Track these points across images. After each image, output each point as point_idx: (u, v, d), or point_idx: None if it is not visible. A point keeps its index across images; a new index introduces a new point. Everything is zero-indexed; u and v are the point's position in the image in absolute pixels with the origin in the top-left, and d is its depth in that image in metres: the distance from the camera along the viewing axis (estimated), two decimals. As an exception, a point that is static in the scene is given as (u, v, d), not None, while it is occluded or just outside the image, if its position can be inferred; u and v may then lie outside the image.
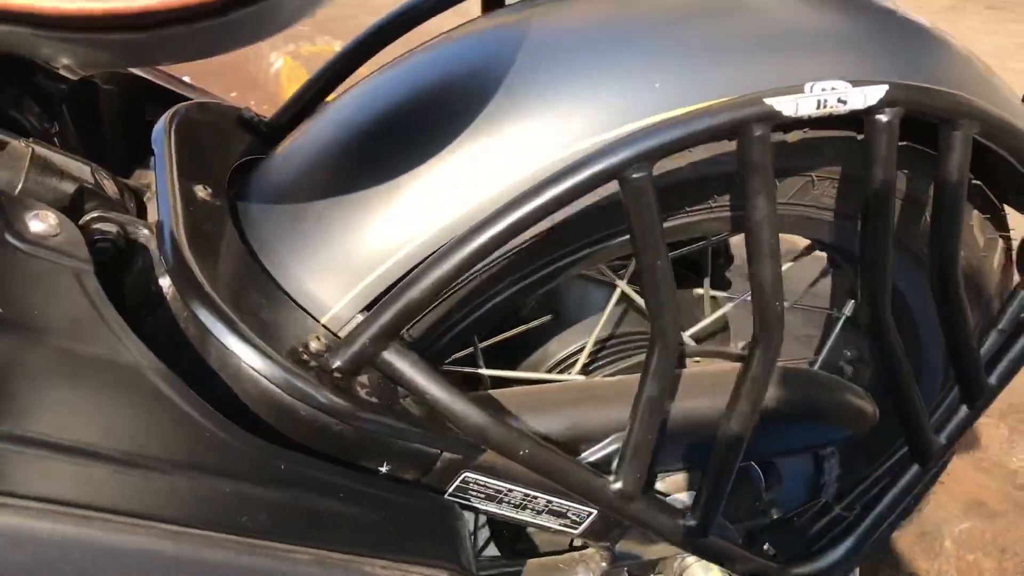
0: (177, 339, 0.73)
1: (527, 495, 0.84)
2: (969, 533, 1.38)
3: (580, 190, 0.70)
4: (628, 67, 0.80)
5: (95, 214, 0.76)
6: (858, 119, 0.78)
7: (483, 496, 0.83)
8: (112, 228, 0.76)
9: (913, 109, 0.76)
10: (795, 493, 1.09)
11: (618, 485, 0.82)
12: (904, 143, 0.89)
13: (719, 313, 1.10)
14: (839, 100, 0.73)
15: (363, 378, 0.75)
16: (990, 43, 3.98)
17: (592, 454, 0.88)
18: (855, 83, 0.73)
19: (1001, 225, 1.04)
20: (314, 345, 0.73)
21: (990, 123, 0.79)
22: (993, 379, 0.91)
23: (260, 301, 0.76)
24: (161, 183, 0.80)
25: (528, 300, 0.88)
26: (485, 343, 1.09)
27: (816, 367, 1.19)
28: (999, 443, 1.56)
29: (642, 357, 1.03)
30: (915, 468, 0.94)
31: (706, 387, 0.90)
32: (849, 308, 1.18)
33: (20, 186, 0.74)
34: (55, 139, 0.86)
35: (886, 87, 0.74)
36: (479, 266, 0.81)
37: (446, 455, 0.79)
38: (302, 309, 0.77)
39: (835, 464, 1.07)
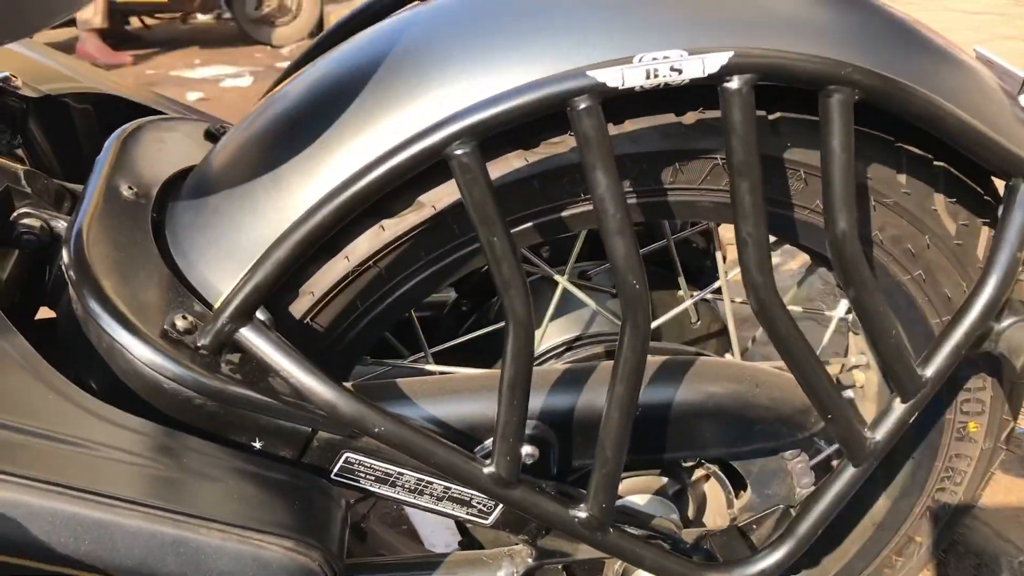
0: (72, 321, 0.81)
1: (420, 480, 0.86)
2: (1031, 566, 1.24)
3: (406, 169, 0.73)
4: (494, 52, 0.81)
5: (23, 210, 0.85)
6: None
7: (372, 479, 0.85)
8: (37, 223, 0.85)
9: (768, 76, 0.73)
10: (768, 499, 1.02)
11: (491, 469, 0.81)
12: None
13: (677, 311, 1.07)
14: (672, 69, 0.71)
15: (234, 356, 0.80)
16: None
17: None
18: (693, 51, 0.71)
19: (982, 210, 0.95)
20: (180, 323, 0.78)
21: (870, 87, 0.74)
22: (929, 371, 0.84)
23: (151, 288, 0.82)
24: (91, 183, 0.89)
25: (435, 290, 0.90)
26: (453, 342, 1.11)
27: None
28: (1090, 471, 1.39)
29: (599, 350, 1.04)
30: (851, 469, 0.87)
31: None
32: (842, 309, 1.11)
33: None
34: (21, 153, 0.97)
35: (729, 54, 0.71)
36: (375, 255, 0.85)
37: (321, 434, 0.82)
38: (192, 293, 0.83)
39: (806, 470, 1.00)
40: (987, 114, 0.86)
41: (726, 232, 1.13)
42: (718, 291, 1.13)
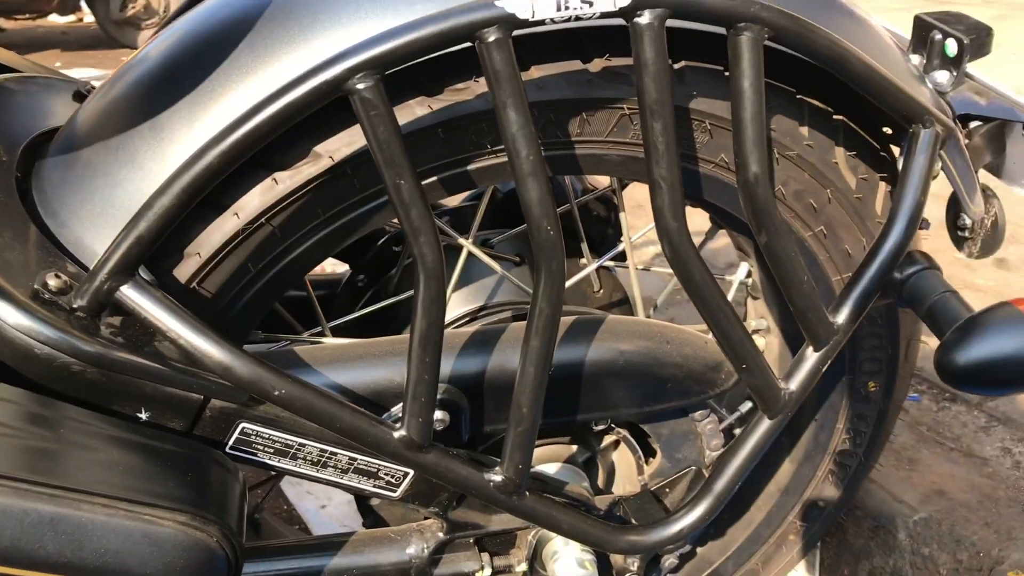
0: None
1: (324, 451, 0.80)
2: (925, 524, 1.26)
3: (302, 105, 0.67)
4: (392, -7, 0.77)
5: None
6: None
7: (272, 451, 0.79)
8: None
9: (679, 12, 0.71)
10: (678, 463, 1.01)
11: (402, 432, 0.77)
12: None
13: (581, 275, 1.05)
14: (583, 1, 0.68)
15: (115, 319, 0.73)
16: None
17: (401, 410, 0.83)
18: (604, -17, 0.69)
19: (879, 164, 0.96)
20: (53, 283, 0.71)
21: (778, 25, 0.73)
22: (840, 318, 0.83)
23: (16, 248, 0.74)
24: (-54, 143, 0.80)
25: (330, 254, 0.85)
26: (351, 316, 1.06)
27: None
28: (974, 432, 1.43)
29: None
30: (766, 422, 0.86)
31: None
32: (742, 272, 1.11)
33: None
34: None
35: (641, -14, 0.69)
36: (268, 212, 0.79)
37: (214, 403, 0.76)
38: (64, 253, 0.76)
39: (715, 431, 0.99)
40: (886, 64, 0.87)
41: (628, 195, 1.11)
42: (620, 258, 1.11)
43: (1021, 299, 0.84)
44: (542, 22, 0.68)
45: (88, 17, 6.12)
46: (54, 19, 6.25)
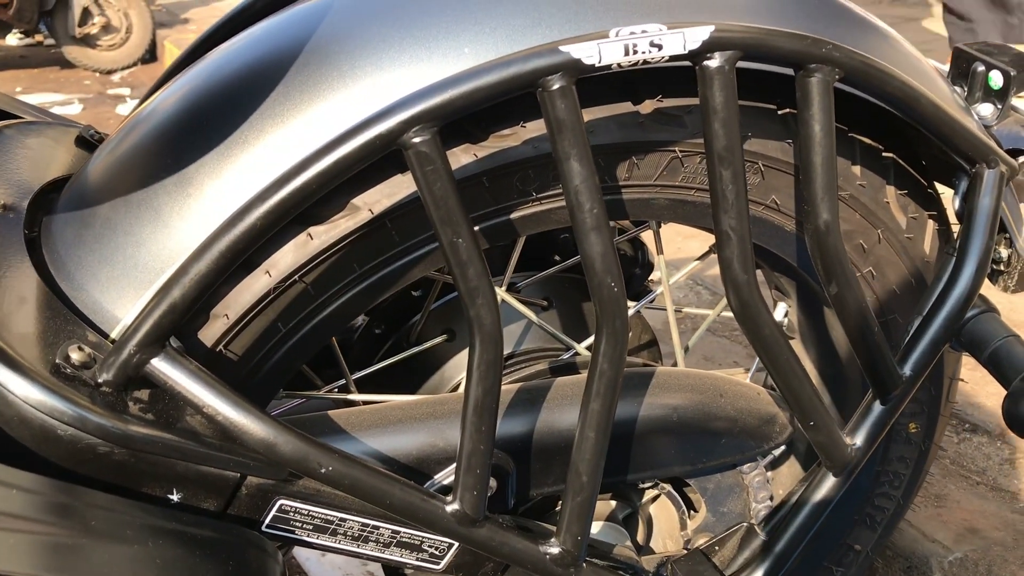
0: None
1: (366, 525, 0.74)
2: (961, 565, 1.23)
3: (354, 161, 0.62)
4: (436, 32, 0.72)
5: None
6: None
7: (311, 528, 0.73)
8: None
9: (750, 53, 0.66)
10: (724, 517, 0.96)
11: (455, 507, 0.71)
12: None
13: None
14: (652, 45, 0.64)
15: (143, 393, 0.67)
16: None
17: (448, 475, 0.78)
18: (672, 25, 0.64)
19: (927, 202, 0.93)
20: (76, 356, 0.65)
21: (850, 66, 0.69)
22: (907, 369, 0.79)
23: (32, 316, 0.68)
24: (-53, 198, 0.74)
25: (364, 310, 0.79)
26: (374, 367, 1.00)
27: (751, 374, 1.08)
28: (999, 464, 1.40)
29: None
30: (830, 479, 0.81)
31: (574, 395, 0.79)
32: (780, 312, 1.07)
33: None
34: None
35: (711, 28, 0.64)
36: (301, 269, 0.74)
37: (251, 480, 0.70)
38: (83, 320, 0.69)
39: (763, 483, 0.94)
40: (943, 101, 0.83)
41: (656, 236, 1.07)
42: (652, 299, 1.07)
43: (1090, 345, 0.80)
44: (608, 67, 0.64)
45: (48, 40, 5.98)
46: (11, 42, 6.10)
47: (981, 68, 0.93)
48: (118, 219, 0.72)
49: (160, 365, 0.64)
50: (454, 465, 0.77)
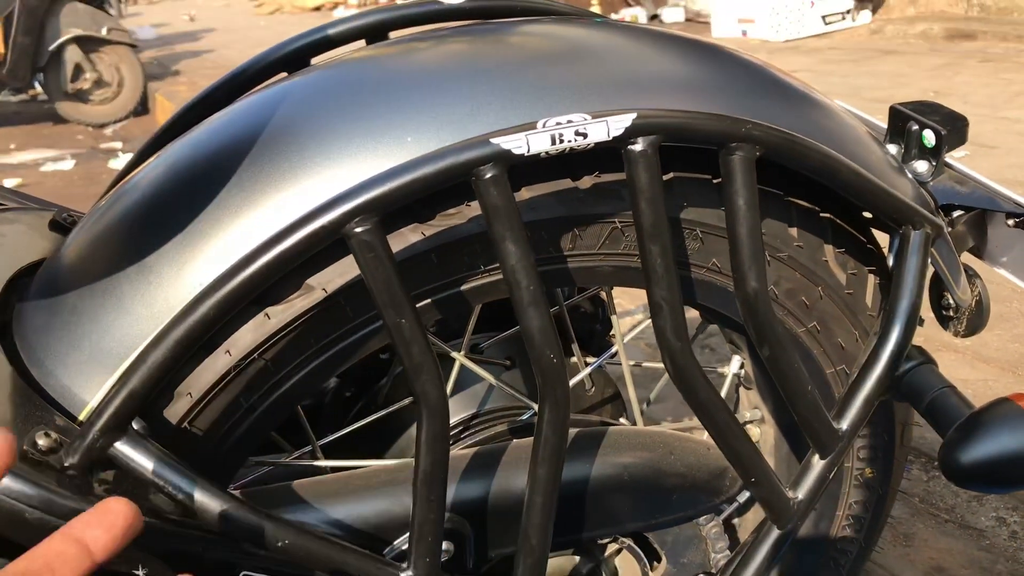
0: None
1: (329, 592, 0.78)
2: (928, 604, 1.25)
3: (299, 252, 0.66)
4: (381, 123, 0.76)
5: None
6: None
7: (274, 596, 0.76)
8: None
9: (672, 136, 0.71)
10: (684, 568, 0.99)
11: (408, 574, 0.74)
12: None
13: (577, 378, 1.03)
14: (577, 134, 0.68)
15: (108, 474, 0.70)
16: (984, 93, 3.91)
17: (404, 543, 0.81)
18: (596, 115, 0.69)
19: (867, 258, 0.97)
20: (42, 442, 0.68)
21: (770, 143, 0.73)
22: (844, 423, 0.83)
23: (3, 402, 0.72)
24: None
25: (324, 381, 0.83)
26: (341, 432, 1.04)
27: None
28: (967, 501, 1.43)
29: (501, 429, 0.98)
30: (775, 530, 0.84)
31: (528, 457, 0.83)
32: (735, 365, 1.11)
33: None
34: None
35: (632, 115, 0.69)
36: (260, 347, 0.77)
37: (215, 552, 0.73)
38: (52, 405, 0.73)
39: (720, 534, 0.97)
40: (868, 163, 0.88)
41: (616, 294, 1.11)
42: (611, 355, 1.10)
43: (1020, 394, 0.84)
44: (537, 156, 0.68)
45: (41, 96, 6.07)
46: (5, 98, 6.19)
47: (915, 127, 0.97)
48: (84, 306, 0.76)
49: (123, 448, 0.68)
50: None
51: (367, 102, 0.78)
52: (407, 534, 0.81)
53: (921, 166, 0.98)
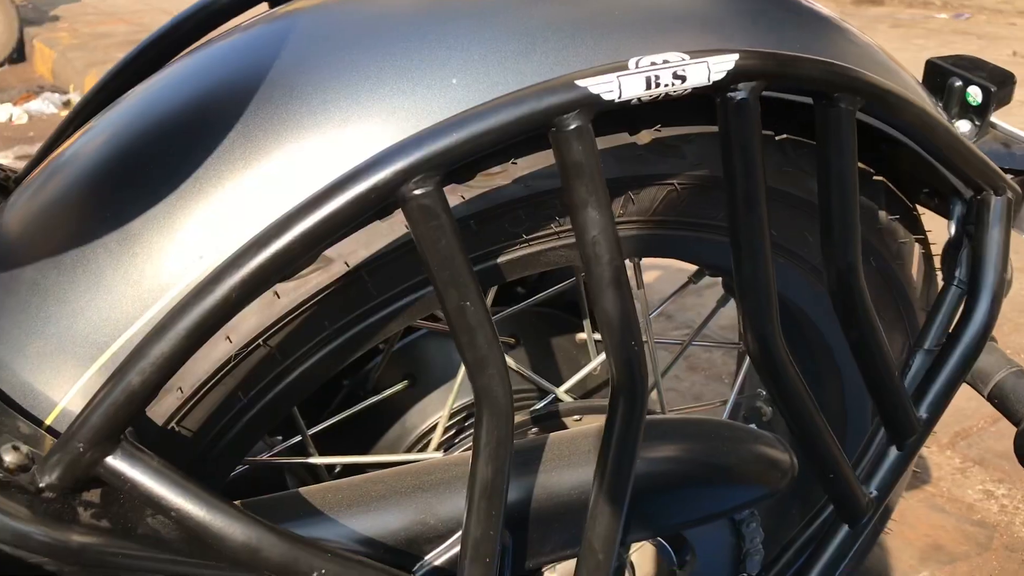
0: None
1: (353, 620, 0.65)
2: (929, 584, 1.21)
3: (346, 218, 0.53)
4: (418, 63, 0.63)
5: None
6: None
7: (290, 630, 0.64)
8: None
9: (774, 82, 0.60)
10: (715, 567, 0.90)
11: (458, 599, 0.63)
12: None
13: (591, 366, 0.93)
14: (675, 76, 0.57)
15: (93, 494, 0.56)
16: (900, 59, 3.94)
17: (439, 555, 0.70)
18: (695, 54, 0.57)
19: (914, 227, 0.89)
20: (10, 458, 0.54)
21: (874, 94, 0.63)
22: (923, 411, 0.75)
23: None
24: None
25: (334, 371, 0.70)
26: (328, 422, 0.91)
27: (728, 408, 1.02)
28: (951, 474, 1.39)
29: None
30: (844, 529, 0.76)
31: (579, 452, 0.72)
32: (756, 340, 1.02)
33: None
34: None
35: (735, 56, 0.58)
36: (266, 332, 0.64)
37: (223, 585, 0.60)
38: (9, 406, 0.58)
39: (756, 528, 0.89)
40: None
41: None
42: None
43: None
44: (628, 103, 0.56)
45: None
46: None
47: (958, 83, 0.89)
48: (48, 283, 0.61)
49: (116, 464, 0.54)
50: (446, 544, 0.69)
51: (396, 35, 0.65)
52: (440, 546, 0.69)
53: (964, 126, 0.90)
